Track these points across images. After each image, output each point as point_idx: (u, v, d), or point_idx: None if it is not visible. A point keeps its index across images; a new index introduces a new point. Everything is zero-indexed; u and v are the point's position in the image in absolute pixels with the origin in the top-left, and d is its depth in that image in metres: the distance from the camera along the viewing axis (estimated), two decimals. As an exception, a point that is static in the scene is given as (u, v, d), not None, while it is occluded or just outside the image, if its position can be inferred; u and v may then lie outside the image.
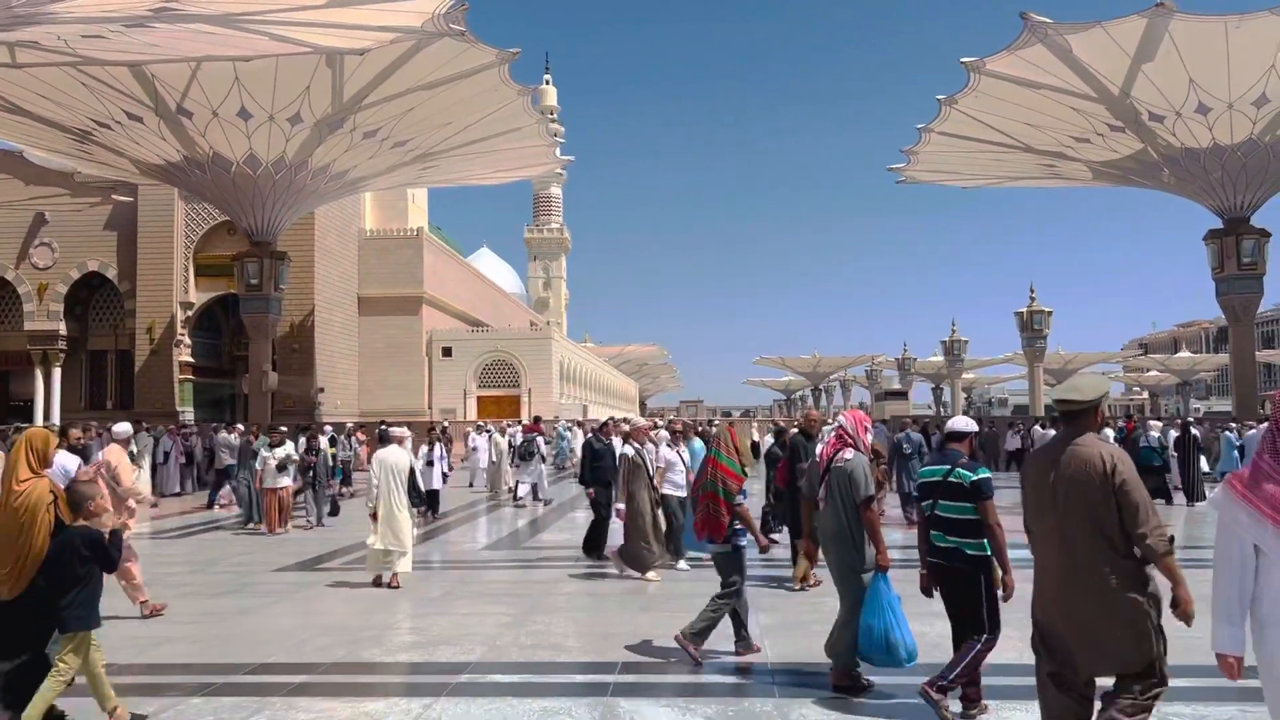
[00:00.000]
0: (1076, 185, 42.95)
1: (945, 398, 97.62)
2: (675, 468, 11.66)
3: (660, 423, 14.31)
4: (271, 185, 37.79)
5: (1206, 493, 21.20)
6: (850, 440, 6.52)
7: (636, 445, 11.48)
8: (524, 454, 21.50)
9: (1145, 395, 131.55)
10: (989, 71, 33.24)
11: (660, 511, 11.24)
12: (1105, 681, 4.26)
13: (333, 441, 25.67)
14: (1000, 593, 5.58)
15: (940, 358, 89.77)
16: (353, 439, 30.59)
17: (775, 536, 11.80)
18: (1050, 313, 56.70)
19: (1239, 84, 31.21)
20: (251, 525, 15.95)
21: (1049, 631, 4.24)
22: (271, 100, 34.24)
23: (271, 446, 15.28)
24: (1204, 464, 25.24)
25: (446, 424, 36.20)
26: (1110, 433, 31.48)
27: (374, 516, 10.82)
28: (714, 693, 6.37)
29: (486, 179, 46.69)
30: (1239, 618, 3.53)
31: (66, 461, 9.21)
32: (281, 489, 15.15)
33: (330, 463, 16.40)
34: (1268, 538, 3.48)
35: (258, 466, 15.41)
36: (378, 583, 10.74)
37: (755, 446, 32.95)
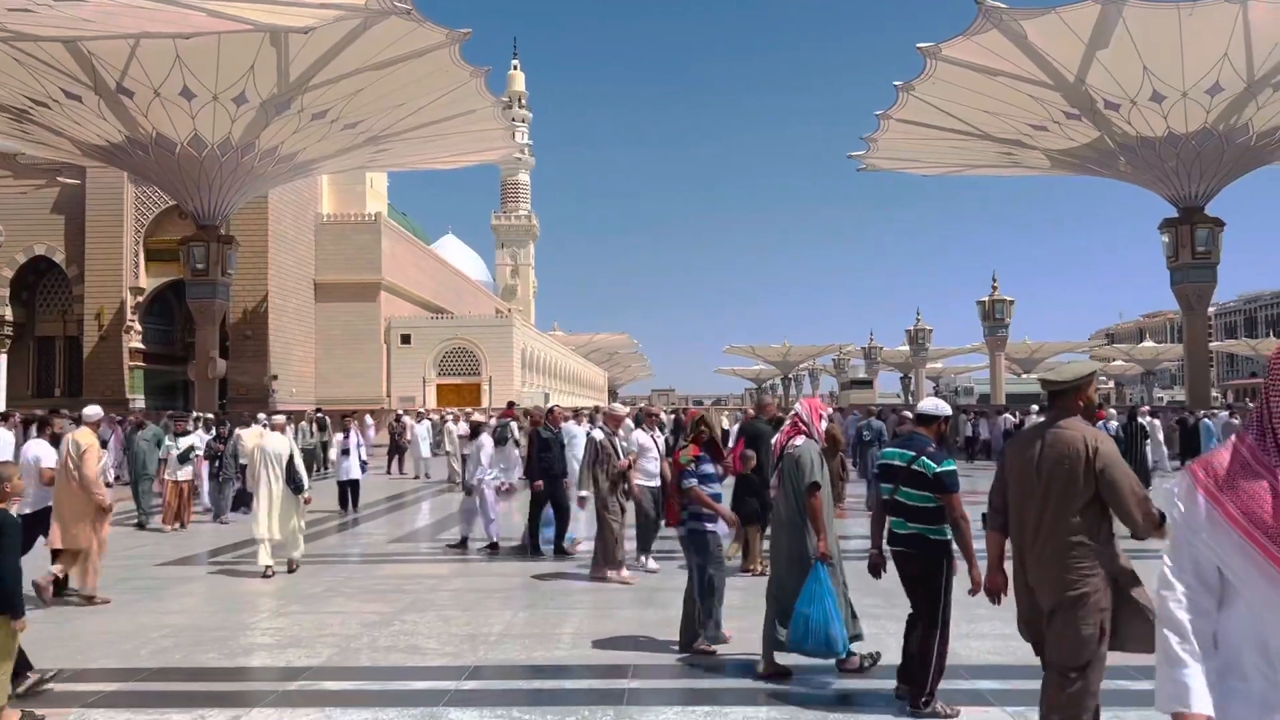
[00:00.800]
0: (1036, 174, 42.81)
1: (913, 387, 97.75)
2: (649, 454, 10.42)
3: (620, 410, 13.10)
4: (218, 167, 36.93)
5: (1153, 481, 21.07)
6: (804, 427, 6.43)
7: (607, 431, 10.53)
8: (499, 439, 20.96)
9: (1110, 384, 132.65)
10: (945, 57, 32.93)
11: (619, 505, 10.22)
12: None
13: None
14: (969, 588, 5.34)
15: (907, 347, 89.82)
16: (312, 425, 29.09)
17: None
18: (1012, 302, 56.66)
19: (1193, 72, 31.06)
20: (158, 521, 15.27)
21: (1028, 617, 4.23)
22: (215, 80, 33.40)
23: (176, 436, 14.63)
24: (1164, 453, 25.33)
25: (401, 412, 35.53)
26: (1010, 416, 31.38)
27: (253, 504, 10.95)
28: (555, 700, 5.91)
29: (443, 163, 45.95)
30: (1194, 659, 2.37)
31: (41, 451, 9.26)
32: (184, 481, 14.49)
33: (237, 454, 15.54)
34: (1237, 563, 2.31)
35: (160, 456, 14.77)
36: (268, 574, 10.39)
37: (725, 435, 32.53)
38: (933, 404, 5.89)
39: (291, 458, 11.08)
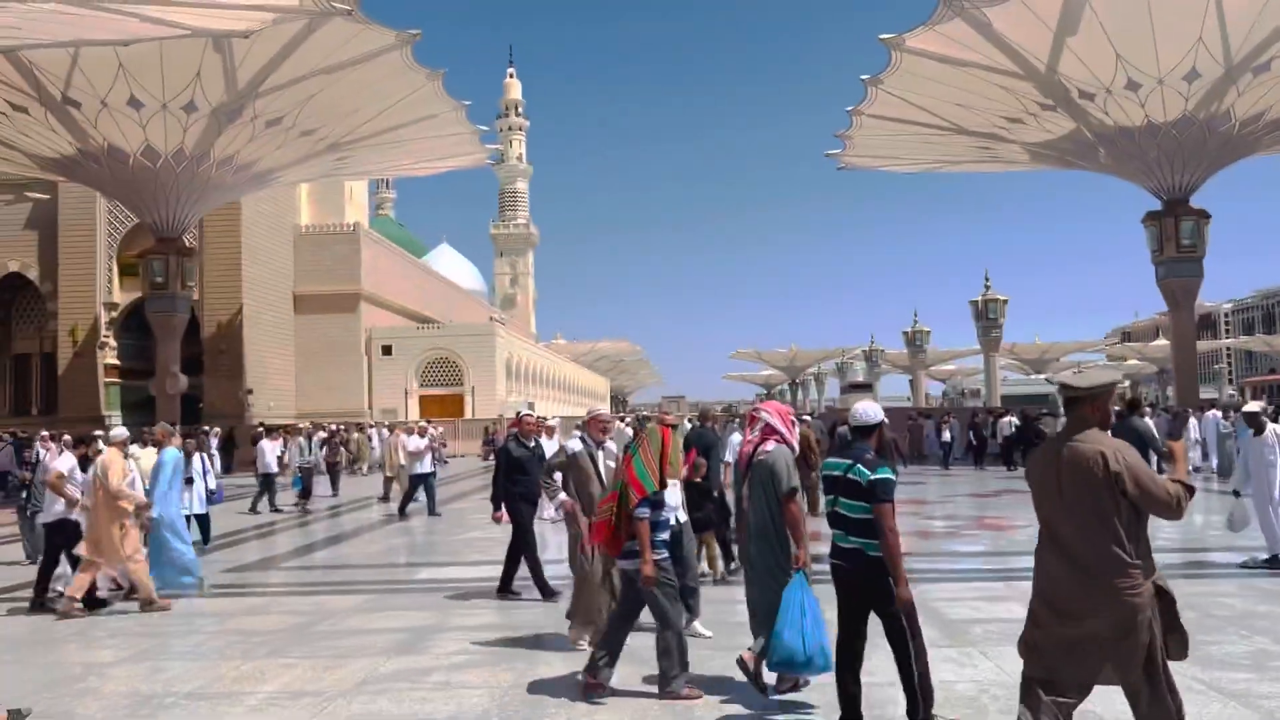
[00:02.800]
0: (1017, 169, 41.49)
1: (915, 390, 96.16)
2: None
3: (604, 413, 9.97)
4: (174, 178, 36.22)
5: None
6: (774, 433, 6.12)
7: (590, 443, 8.07)
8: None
9: (1126, 384, 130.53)
10: (910, 49, 31.78)
11: None
12: None
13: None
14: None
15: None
16: (313, 440, 27.14)
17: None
18: (1005, 301, 55.34)
19: (1167, 58, 29.70)
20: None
21: (1045, 635, 4.06)
22: (161, 88, 32.71)
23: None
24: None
25: (323, 425, 34.54)
26: (1014, 419, 29.71)
27: None
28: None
29: (410, 170, 45.15)
30: None
31: (60, 463, 10.29)
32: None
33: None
34: None
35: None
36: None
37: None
38: (867, 411, 5.53)
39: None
